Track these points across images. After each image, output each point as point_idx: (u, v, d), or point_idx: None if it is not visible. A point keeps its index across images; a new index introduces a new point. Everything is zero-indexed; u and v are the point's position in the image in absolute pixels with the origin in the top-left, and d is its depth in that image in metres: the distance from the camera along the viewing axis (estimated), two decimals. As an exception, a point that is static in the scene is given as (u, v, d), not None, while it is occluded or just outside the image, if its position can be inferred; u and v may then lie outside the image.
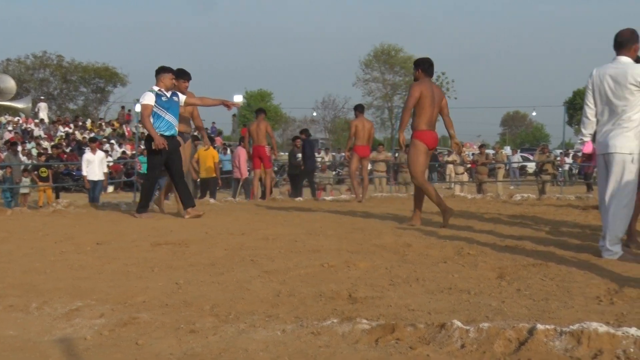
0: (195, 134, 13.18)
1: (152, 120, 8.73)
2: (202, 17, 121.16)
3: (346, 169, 23.94)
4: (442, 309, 4.04)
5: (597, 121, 5.82)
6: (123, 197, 17.99)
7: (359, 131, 12.62)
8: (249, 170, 16.47)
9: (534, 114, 69.50)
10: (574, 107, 66.42)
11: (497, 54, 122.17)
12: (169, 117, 8.86)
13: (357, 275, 5.14)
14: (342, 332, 3.52)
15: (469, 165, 23.65)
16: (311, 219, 8.80)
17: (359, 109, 13.19)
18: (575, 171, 31.32)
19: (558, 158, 25.65)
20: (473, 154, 25.65)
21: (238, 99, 51.22)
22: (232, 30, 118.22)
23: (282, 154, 31.20)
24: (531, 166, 31.95)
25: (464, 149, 22.43)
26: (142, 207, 9.11)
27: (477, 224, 8.26)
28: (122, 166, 26.24)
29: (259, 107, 14.75)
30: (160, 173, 9.33)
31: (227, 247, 6.41)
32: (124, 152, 29.26)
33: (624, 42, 5.68)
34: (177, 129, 9.02)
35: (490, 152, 25.01)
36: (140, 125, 18.97)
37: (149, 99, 8.74)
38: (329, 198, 13.74)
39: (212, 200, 12.78)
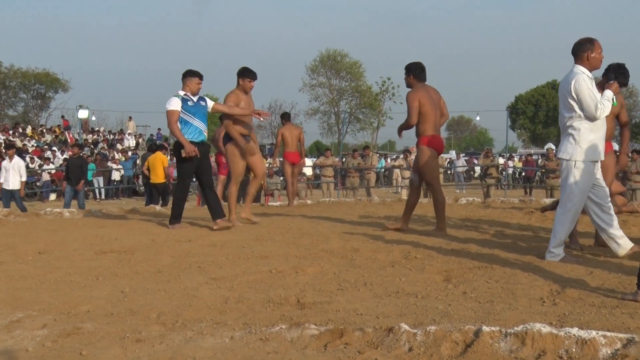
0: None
1: (179, 126, 8.20)
2: (145, 20, 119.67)
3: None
4: (390, 313, 4.06)
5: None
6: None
7: (286, 138, 12.92)
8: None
9: (477, 118, 70.88)
10: (516, 112, 67.83)
11: (441, 60, 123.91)
12: (197, 123, 8.30)
13: (306, 281, 5.13)
14: (290, 338, 3.51)
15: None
16: (259, 224, 8.75)
17: (285, 117, 13.58)
18: (518, 175, 31.98)
19: (502, 162, 26.15)
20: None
21: None
22: (173, 33, 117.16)
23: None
24: (476, 169, 32.44)
25: (409, 154, 22.61)
26: (175, 217, 8.46)
27: (424, 227, 8.34)
28: (64, 173, 25.69)
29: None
30: (190, 181, 8.80)
31: (173, 254, 6.33)
32: (65, 160, 28.65)
33: (574, 51, 5.81)
34: (205, 134, 8.47)
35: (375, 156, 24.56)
36: (83, 132, 18.55)
37: (175, 104, 8.15)
38: (276, 204, 13.70)
39: (157, 207, 12.61)
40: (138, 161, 31.70)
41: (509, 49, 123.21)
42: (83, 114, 30.18)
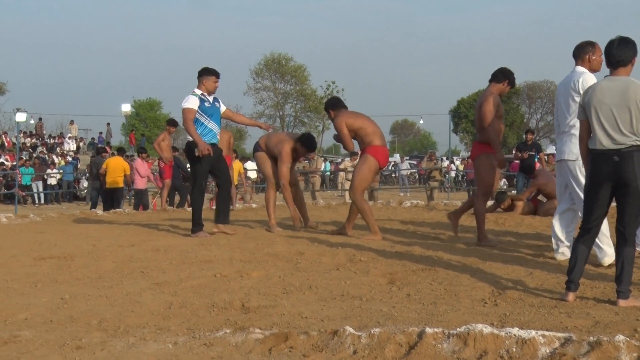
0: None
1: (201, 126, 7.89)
2: (85, 23, 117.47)
3: (237, 178, 23.80)
4: (335, 316, 4.07)
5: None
6: (3, 211, 17.14)
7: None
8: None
9: (421, 122, 71.70)
10: (459, 116, 68.90)
11: (385, 64, 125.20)
12: (212, 125, 7.94)
13: (250, 285, 5.11)
14: (235, 343, 3.49)
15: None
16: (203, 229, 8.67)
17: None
18: (461, 177, 32.49)
19: (445, 165, 26.53)
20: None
21: (126, 108, 49.97)
22: (117, 37, 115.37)
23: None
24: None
25: (356, 156, 22.72)
26: (197, 224, 7.95)
27: (368, 230, 8.38)
28: (1, 178, 24.99)
29: (170, 119, 14.31)
30: (206, 183, 8.43)
31: (115, 259, 6.22)
32: (1, 164, 27.89)
33: (575, 53, 5.91)
34: (218, 137, 8.12)
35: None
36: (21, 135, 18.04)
37: (192, 102, 7.77)
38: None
39: (99, 212, 12.39)
40: (80, 165, 31.11)
41: (451, 53, 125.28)
42: (21, 117, 29.47)
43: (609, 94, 4.44)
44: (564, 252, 5.90)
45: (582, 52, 5.85)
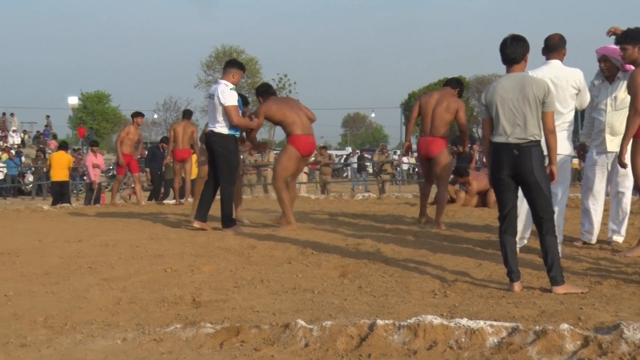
0: None
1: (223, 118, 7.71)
2: (29, 13, 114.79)
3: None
4: (287, 309, 4.07)
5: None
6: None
7: (178, 135, 12.89)
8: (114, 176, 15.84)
9: (372, 115, 72.19)
10: (410, 109, 69.39)
11: (337, 57, 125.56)
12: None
13: (202, 279, 5.07)
14: (185, 337, 3.46)
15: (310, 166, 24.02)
16: (153, 223, 8.58)
17: (186, 114, 13.90)
18: (412, 170, 32.78)
19: (396, 158, 26.73)
20: (315, 155, 26.15)
21: (73, 100, 48.95)
22: (63, 27, 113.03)
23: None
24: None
25: None
26: (231, 218, 7.90)
27: (320, 223, 8.41)
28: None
29: (136, 111, 13.80)
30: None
31: (62, 255, 6.10)
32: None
33: (555, 46, 5.92)
34: None
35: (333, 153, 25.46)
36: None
37: (235, 98, 7.69)
38: (172, 202, 13.46)
39: (45, 207, 12.14)
40: (24, 159, 30.39)
41: (403, 46, 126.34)
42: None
43: (510, 90, 4.61)
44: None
45: (559, 47, 5.89)
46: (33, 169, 26.36)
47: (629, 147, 5.55)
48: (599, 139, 6.54)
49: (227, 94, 7.67)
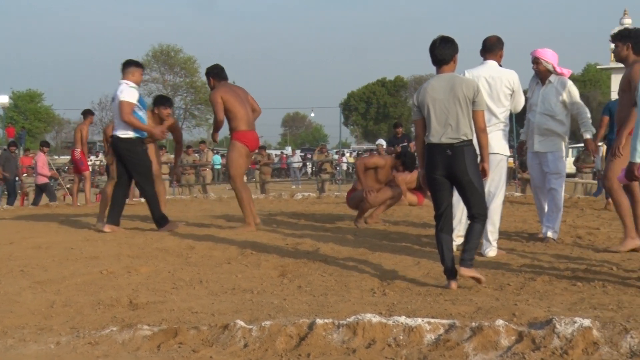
0: None
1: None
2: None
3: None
4: (226, 310, 4.05)
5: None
6: None
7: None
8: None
9: (312, 115, 72.31)
10: (349, 109, 69.91)
11: (275, 56, 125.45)
12: (143, 115, 7.72)
13: (139, 281, 5.00)
14: (122, 340, 3.41)
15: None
16: (89, 224, 8.41)
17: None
18: (352, 170, 32.99)
19: (335, 157, 26.85)
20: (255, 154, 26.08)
21: (3, 99, 47.51)
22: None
23: (56, 157, 29.55)
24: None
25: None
26: (163, 218, 7.69)
27: (260, 223, 8.37)
28: None
29: (87, 109, 13.43)
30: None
31: (-7, 257, 5.92)
32: None
33: (491, 47, 6.00)
34: None
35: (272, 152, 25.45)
36: None
37: (133, 96, 7.46)
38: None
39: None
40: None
41: (342, 46, 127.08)
42: None
43: (440, 91, 4.69)
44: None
45: (496, 48, 6.00)
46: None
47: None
48: (530, 139, 6.78)
49: (126, 91, 7.47)
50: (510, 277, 4.91)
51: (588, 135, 6.69)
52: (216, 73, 7.95)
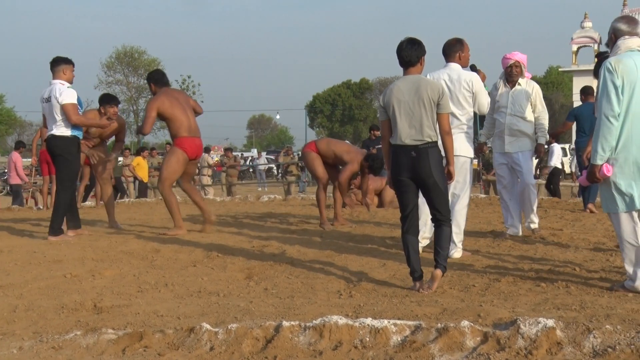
0: None
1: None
2: None
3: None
4: (192, 313, 4.02)
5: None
6: None
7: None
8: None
9: (277, 117, 72.33)
10: (315, 111, 69.97)
11: (241, 58, 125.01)
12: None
13: (103, 284, 4.94)
14: (86, 344, 3.36)
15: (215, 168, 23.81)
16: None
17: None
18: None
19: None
20: (221, 156, 25.94)
21: None
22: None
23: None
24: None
25: (212, 152, 22.51)
26: (59, 229, 7.22)
27: (226, 226, 8.35)
28: None
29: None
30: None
31: (-47, 261, 5.80)
32: None
33: (449, 50, 6.03)
34: None
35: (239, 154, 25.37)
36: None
37: (74, 97, 7.20)
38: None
39: None
40: None
41: (307, 49, 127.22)
42: None
43: (406, 92, 4.72)
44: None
45: (453, 50, 6.04)
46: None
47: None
48: (499, 140, 6.97)
49: (66, 92, 7.20)
50: (475, 278, 4.96)
51: (542, 141, 7.09)
52: (157, 79, 7.94)
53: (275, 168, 33.52)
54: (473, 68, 6.24)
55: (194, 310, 4.11)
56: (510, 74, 6.88)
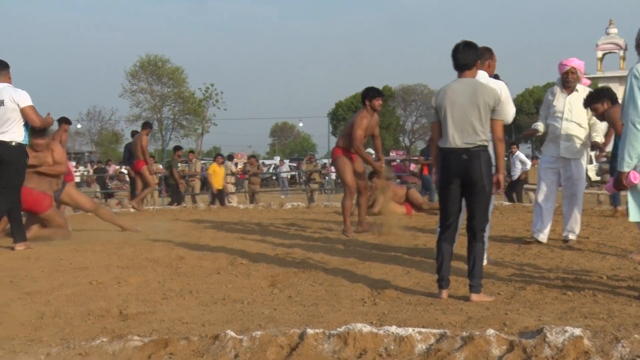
0: None
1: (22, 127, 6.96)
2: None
3: (116, 182, 23.15)
4: (216, 320, 4.03)
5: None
6: None
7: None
8: None
9: (300, 124, 72.41)
10: (337, 118, 69.98)
11: (264, 67, 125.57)
12: None
13: (129, 291, 4.97)
14: (112, 351, 3.39)
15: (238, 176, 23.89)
16: (78, 235, 8.37)
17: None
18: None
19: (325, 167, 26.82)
20: (245, 164, 26.04)
21: None
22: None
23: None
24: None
25: (235, 159, 22.59)
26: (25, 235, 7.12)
27: (249, 233, 8.38)
28: None
29: (62, 117, 13.00)
30: None
31: (-19, 268, 5.88)
32: None
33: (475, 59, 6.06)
34: None
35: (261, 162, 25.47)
36: None
37: (30, 98, 6.98)
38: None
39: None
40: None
41: (329, 56, 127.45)
42: None
43: (460, 95, 4.65)
44: None
45: (483, 58, 6.01)
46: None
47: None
48: (554, 145, 6.98)
49: (24, 95, 6.96)
50: (501, 286, 4.92)
51: (597, 139, 7.04)
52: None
53: (297, 175, 33.56)
54: (496, 77, 6.21)
55: (218, 317, 4.13)
56: (567, 80, 6.92)
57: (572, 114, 6.87)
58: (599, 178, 17.95)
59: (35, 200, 7.70)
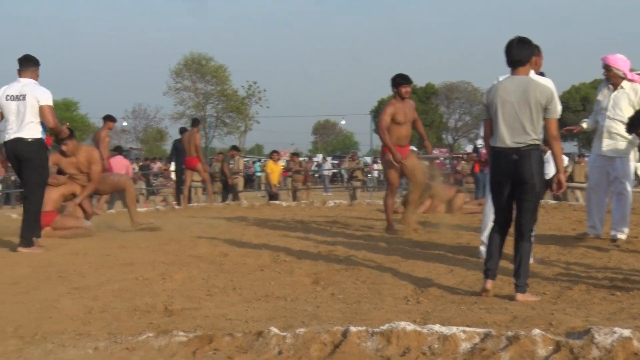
0: None
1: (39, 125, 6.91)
2: None
3: (160, 179, 23.43)
4: (260, 317, 4.06)
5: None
6: None
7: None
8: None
9: (343, 122, 72.30)
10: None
11: (307, 64, 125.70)
12: None
13: (173, 287, 5.04)
14: (158, 346, 3.43)
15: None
16: (123, 231, 8.50)
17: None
18: (383, 177, 32.88)
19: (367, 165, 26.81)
20: (287, 162, 26.14)
21: None
22: (26, 33, 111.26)
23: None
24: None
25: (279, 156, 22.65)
26: (31, 239, 6.82)
27: (292, 231, 8.40)
28: None
29: (107, 114, 13.13)
30: None
31: (31, 264, 6.01)
32: None
33: (527, 55, 5.98)
34: None
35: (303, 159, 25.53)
36: None
37: (51, 97, 6.97)
38: (142, 209, 13.35)
39: (13, 216, 11.94)
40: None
41: (372, 53, 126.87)
42: None
43: (512, 92, 4.58)
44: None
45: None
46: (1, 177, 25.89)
47: None
48: (598, 141, 6.88)
49: (47, 94, 6.92)
50: (547, 285, 4.85)
51: None
52: None
53: (339, 173, 33.57)
54: (542, 75, 6.12)
55: (261, 314, 4.15)
56: (606, 77, 6.82)
57: (616, 111, 6.70)
58: None
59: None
